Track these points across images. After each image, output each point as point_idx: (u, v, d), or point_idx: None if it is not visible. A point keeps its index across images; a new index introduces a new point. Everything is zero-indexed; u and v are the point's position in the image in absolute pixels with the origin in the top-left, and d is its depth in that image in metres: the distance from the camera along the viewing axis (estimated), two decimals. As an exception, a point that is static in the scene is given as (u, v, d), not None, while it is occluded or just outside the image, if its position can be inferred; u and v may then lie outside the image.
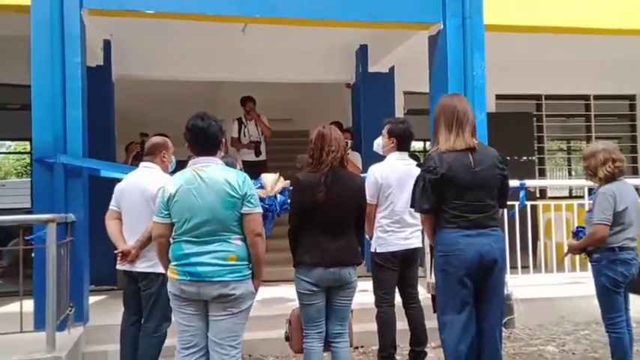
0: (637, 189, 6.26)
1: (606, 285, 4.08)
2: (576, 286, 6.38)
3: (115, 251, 4.13)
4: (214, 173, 3.22)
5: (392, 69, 8.13)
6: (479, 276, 3.21)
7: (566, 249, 4.55)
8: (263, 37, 7.30)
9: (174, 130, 4.93)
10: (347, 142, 7.56)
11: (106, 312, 5.48)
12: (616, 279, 4.05)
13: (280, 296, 6.06)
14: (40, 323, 4.58)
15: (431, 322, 4.38)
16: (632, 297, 4.28)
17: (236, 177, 3.23)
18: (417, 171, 4.15)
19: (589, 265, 6.18)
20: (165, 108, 9.90)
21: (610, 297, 4.08)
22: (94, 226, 5.06)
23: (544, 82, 8.86)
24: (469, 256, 3.18)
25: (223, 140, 3.42)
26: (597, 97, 9.48)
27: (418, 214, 3.61)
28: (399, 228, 4.51)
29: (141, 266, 4.05)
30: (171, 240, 3.26)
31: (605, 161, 4.12)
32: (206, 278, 3.12)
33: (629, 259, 4.07)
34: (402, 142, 4.63)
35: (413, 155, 4.98)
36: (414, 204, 3.38)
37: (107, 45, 7.35)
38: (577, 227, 4.50)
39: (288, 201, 5.20)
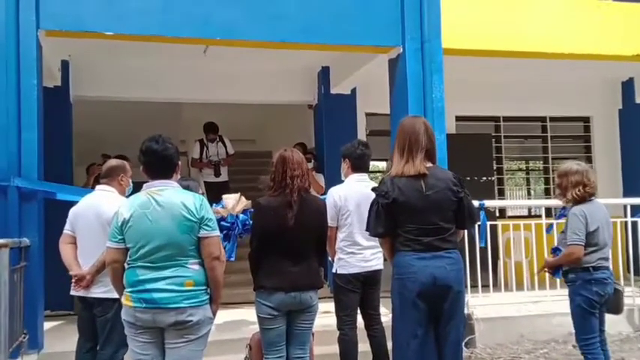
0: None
1: (582, 305, 4.08)
2: (535, 304, 6.48)
3: (71, 272, 4.02)
4: (170, 197, 3.17)
5: (354, 90, 8.21)
6: (434, 298, 3.21)
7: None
8: (225, 59, 7.30)
9: (136, 152, 4.88)
10: (311, 162, 7.68)
11: (62, 338, 5.34)
12: (591, 299, 4.06)
13: (242, 319, 5.99)
14: (-9, 351, 4.42)
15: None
16: (608, 316, 4.29)
17: (193, 200, 3.18)
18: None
19: (547, 283, 6.35)
20: (126, 129, 9.77)
21: (585, 317, 4.09)
22: (51, 250, 4.92)
23: (502, 104, 9.05)
24: (422, 279, 3.19)
25: (179, 163, 3.38)
26: (553, 119, 9.73)
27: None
28: (358, 250, 4.52)
29: (96, 292, 3.96)
30: (126, 265, 3.19)
31: (576, 184, 4.14)
32: (162, 305, 3.05)
33: (604, 279, 4.09)
34: (355, 163, 4.65)
35: None
36: (369, 228, 3.39)
37: (65, 65, 7.25)
38: (554, 247, 4.46)
39: (250, 222, 5.18)
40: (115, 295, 3.44)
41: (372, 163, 5.87)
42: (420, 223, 3.23)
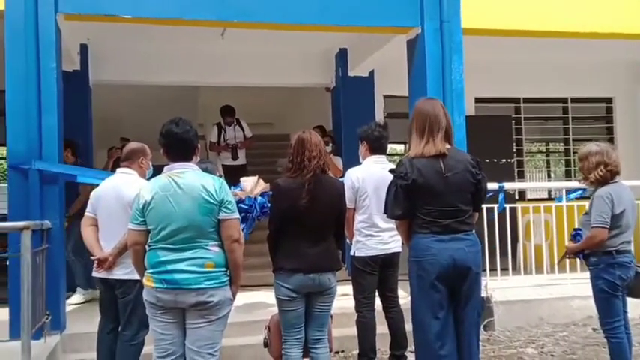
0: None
1: (604, 288, 4.01)
2: (555, 287, 6.44)
3: (92, 257, 4.07)
4: (190, 179, 3.20)
5: (372, 72, 8.15)
6: (453, 280, 3.20)
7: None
8: (242, 41, 7.29)
9: (154, 136, 4.90)
10: (329, 145, 7.67)
11: (84, 319, 5.42)
12: (614, 282, 3.98)
13: (260, 301, 6.03)
14: (15, 332, 4.51)
15: (411, 326, 4.38)
16: (629, 300, 4.21)
17: (212, 183, 3.21)
18: None
19: (567, 266, 6.31)
20: (144, 113, 9.82)
21: (608, 301, 4.03)
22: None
23: (522, 85, 8.93)
24: (442, 261, 3.17)
25: (199, 146, 3.39)
26: (575, 100, 9.59)
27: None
28: (376, 232, 4.52)
29: (118, 273, 4.00)
30: (147, 247, 3.22)
31: (597, 165, 4.04)
32: (183, 285, 3.09)
33: (627, 262, 4.02)
34: (372, 145, 4.63)
35: None
36: (386, 210, 3.37)
37: (84, 49, 7.28)
38: (575, 230, 4.40)
39: (268, 205, 5.19)
40: (137, 277, 3.48)
41: (389, 145, 5.82)
42: (439, 205, 3.21)
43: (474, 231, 3.34)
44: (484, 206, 5.63)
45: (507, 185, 6.51)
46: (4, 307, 4.71)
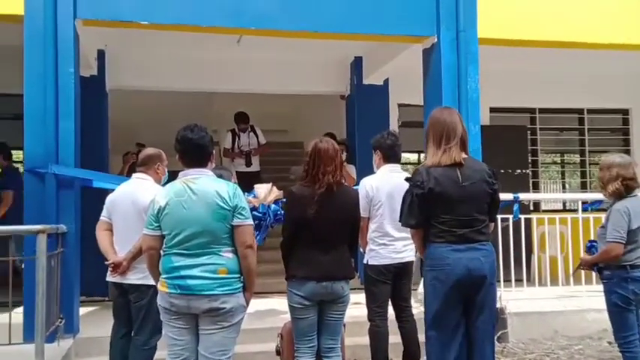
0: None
1: (618, 303, 3.98)
2: (570, 300, 6.36)
3: (106, 262, 4.08)
4: (205, 185, 3.20)
5: (386, 81, 8.14)
6: (468, 290, 3.18)
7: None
8: (258, 49, 7.31)
9: (169, 141, 4.93)
10: (343, 154, 7.65)
11: (97, 323, 5.43)
12: (627, 297, 3.95)
13: (273, 308, 6.02)
14: (29, 335, 4.53)
15: (424, 336, 4.35)
16: None
17: (227, 188, 3.21)
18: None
19: (582, 278, 6.24)
20: (160, 118, 9.89)
21: (622, 315, 3.99)
22: (86, 237, 5.01)
23: (538, 95, 8.88)
24: (457, 271, 3.15)
25: (214, 152, 3.40)
26: (591, 111, 9.52)
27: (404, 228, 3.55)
28: (390, 241, 4.49)
29: (132, 278, 4.01)
30: (162, 252, 3.23)
31: (616, 177, 4.01)
32: (196, 291, 3.09)
33: None
34: (386, 154, 4.62)
35: None
36: (401, 218, 3.36)
37: (101, 55, 7.34)
38: (589, 241, 4.38)
39: (281, 212, 5.19)
40: (150, 282, 3.50)
41: (403, 154, 5.81)
42: (456, 214, 3.20)
43: (490, 241, 3.31)
44: (498, 216, 5.64)
45: (522, 196, 6.45)
46: (18, 309, 4.73)
